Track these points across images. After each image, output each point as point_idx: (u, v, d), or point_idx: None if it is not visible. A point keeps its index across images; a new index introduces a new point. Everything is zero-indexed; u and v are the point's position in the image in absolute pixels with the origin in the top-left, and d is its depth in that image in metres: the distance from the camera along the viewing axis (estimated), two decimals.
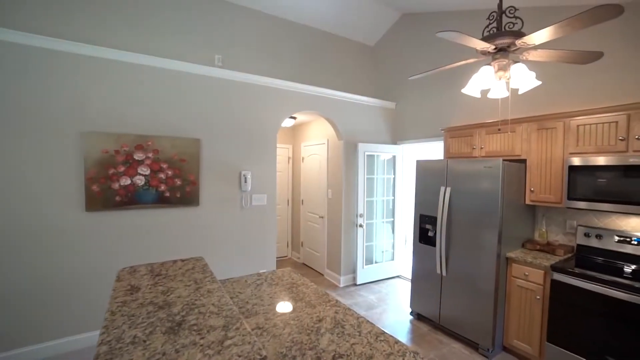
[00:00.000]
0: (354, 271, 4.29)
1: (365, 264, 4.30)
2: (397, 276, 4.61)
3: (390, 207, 4.59)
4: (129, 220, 2.78)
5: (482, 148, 3.19)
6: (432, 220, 3.11)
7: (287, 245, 5.67)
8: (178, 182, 2.95)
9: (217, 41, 3.51)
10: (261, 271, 2.05)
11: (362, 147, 4.18)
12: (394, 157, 4.56)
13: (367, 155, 4.27)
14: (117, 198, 2.67)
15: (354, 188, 4.23)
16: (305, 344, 1.17)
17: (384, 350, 1.12)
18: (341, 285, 4.23)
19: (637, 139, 2.21)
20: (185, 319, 1.02)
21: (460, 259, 2.89)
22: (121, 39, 2.94)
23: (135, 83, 2.80)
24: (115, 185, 2.66)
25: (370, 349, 1.13)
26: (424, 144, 4.27)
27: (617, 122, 2.31)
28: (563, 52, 1.84)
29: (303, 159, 5.25)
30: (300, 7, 3.90)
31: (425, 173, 3.21)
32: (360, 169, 4.17)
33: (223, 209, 3.26)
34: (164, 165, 2.88)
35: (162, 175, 2.87)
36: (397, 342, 1.17)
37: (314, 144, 4.90)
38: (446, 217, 2.96)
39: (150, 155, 2.81)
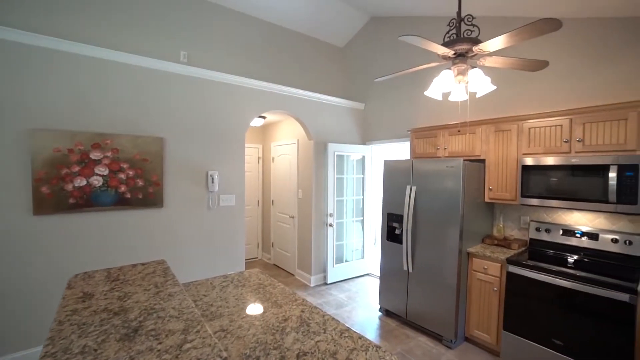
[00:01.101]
0: (325, 270, 4.32)
1: (336, 263, 4.35)
2: (367, 274, 4.71)
3: (360, 206, 4.68)
4: (85, 223, 2.61)
5: (445, 148, 3.34)
6: (399, 218, 3.21)
7: (258, 247, 5.60)
8: (140, 182, 2.82)
9: (182, 37, 3.39)
10: (228, 273, 2.01)
11: (331, 147, 4.22)
12: (363, 157, 4.66)
13: (337, 155, 4.32)
14: (71, 200, 2.50)
15: (324, 188, 4.26)
16: (270, 344, 1.16)
17: (348, 346, 1.14)
18: (312, 285, 4.24)
19: (578, 141, 2.42)
20: (143, 324, 0.98)
21: (425, 255, 3.00)
22: (79, 30, 2.75)
23: (93, 78, 2.64)
24: (69, 187, 2.49)
25: (335, 346, 1.15)
26: (392, 144, 4.39)
27: (561, 125, 2.51)
28: (514, 60, 1.97)
29: (273, 159, 5.21)
30: (271, 6, 3.87)
31: (392, 173, 3.30)
32: (330, 168, 4.21)
33: (189, 210, 3.16)
34: (125, 165, 2.74)
35: (122, 176, 2.72)
36: (360, 337, 1.20)
37: (284, 143, 4.88)
38: (412, 215, 3.07)
39: (109, 154, 2.66)
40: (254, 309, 1.48)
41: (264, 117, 4.53)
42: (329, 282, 4.29)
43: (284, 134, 4.94)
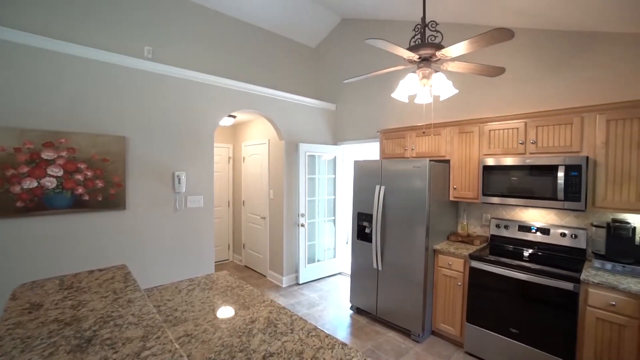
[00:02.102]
0: (297, 271, 4.31)
1: (308, 263, 4.36)
2: (339, 273, 4.76)
3: (332, 206, 4.72)
4: (36, 228, 2.42)
5: (413, 149, 3.45)
6: (369, 217, 3.28)
7: (228, 248, 5.48)
8: (100, 184, 2.66)
9: (147, 32, 3.25)
10: (195, 276, 1.95)
11: (303, 147, 4.23)
12: (335, 157, 4.70)
13: (309, 155, 4.33)
14: (19, 204, 2.31)
15: (295, 188, 4.25)
16: (236, 347, 1.15)
17: (314, 345, 1.15)
18: (284, 286, 4.22)
19: (532, 143, 2.60)
20: (98, 333, 0.93)
21: (394, 253, 3.09)
22: (31, 21, 2.55)
23: (47, 73, 2.45)
24: (16, 189, 2.29)
25: (301, 345, 1.15)
26: (362, 144, 4.47)
27: (517, 128, 2.68)
28: (475, 65, 2.08)
29: (244, 159, 5.12)
30: (242, 3, 3.80)
31: (362, 173, 3.36)
32: (301, 169, 4.21)
33: (154, 212, 3.03)
34: (82, 166, 2.57)
35: (79, 177, 2.55)
36: (327, 336, 1.21)
37: (255, 143, 4.81)
38: (381, 214, 3.15)
39: (63, 154, 2.48)
40: (221, 312, 1.45)
41: (234, 117, 4.45)
42: (301, 282, 4.28)
43: (255, 133, 4.88)
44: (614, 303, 1.97)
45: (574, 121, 2.39)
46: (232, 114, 4.12)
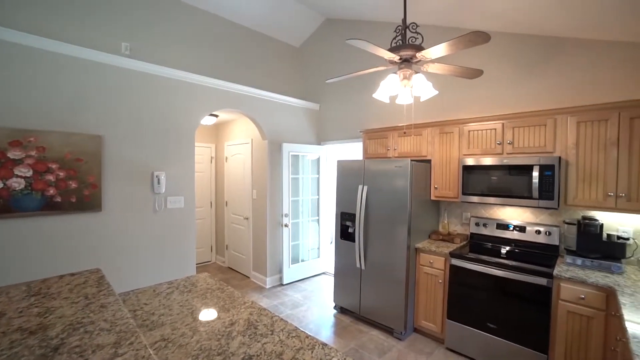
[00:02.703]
0: (281, 271, 4.29)
1: (292, 263, 4.34)
2: (323, 273, 4.76)
3: (316, 206, 4.71)
4: (3, 232, 2.29)
5: (395, 149, 3.50)
6: (352, 217, 3.29)
7: (211, 250, 5.38)
8: (73, 184, 2.55)
9: (124, 28, 3.14)
10: (175, 279, 1.90)
11: (286, 147, 4.20)
12: (319, 157, 4.70)
13: (292, 155, 4.31)
14: None
15: (279, 188, 4.23)
16: (214, 350, 1.12)
17: (295, 346, 1.14)
18: (268, 287, 4.18)
19: (509, 143, 2.68)
20: (66, 341, 0.89)
21: (376, 252, 3.11)
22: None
23: (14, 67, 2.33)
24: None
25: (281, 346, 1.14)
26: (346, 144, 4.49)
27: (495, 129, 2.76)
28: (454, 67, 2.13)
29: (227, 158, 5.04)
30: (224, 1, 3.73)
31: (345, 172, 3.38)
32: (284, 169, 4.19)
33: (132, 213, 2.93)
34: (54, 166, 2.46)
35: (50, 177, 2.44)
36: (307, 336, 1.21)
37: (237, 143, 4.75)
38: (364, 213, 3.17)
39: (33, 153, 2.37)
40: (200, 315, 1.42)
41: (216, 116, 4.37)
42: (285, 282, 4.26)
43: (237, 133, 4.81)
44: (583, 296, 2.06)
45: (548, 123, 2.48)
46: (214, 113, 4.06)
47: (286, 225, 4.23)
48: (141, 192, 2.99)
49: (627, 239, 2.32)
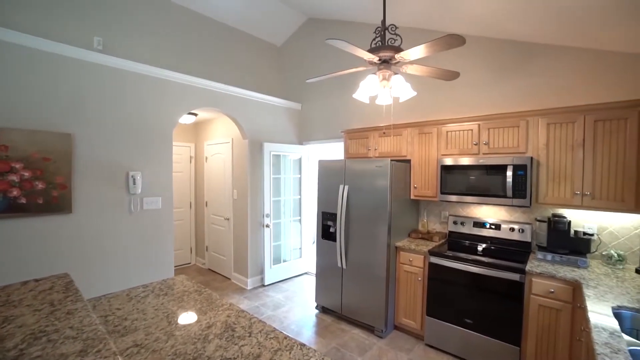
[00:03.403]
0: (262, 272, 4.24)
1: (273, 264, 4.30)
2: (305, 273, 4.75)
3: (298, 206, 4.70)
4: None
5: (376, 149, 3.53)
6: (333, 217, 3.30)
7: (191, 251, 5.26)
8: (40, 185, 2.42)
9: (96, 21, 3.02)
10: (151, 282, 1.84)
11: (267, 146, 4.16)
12: (300, 157, 4.68)
13: (273, 155, 4.28)
14: None
15: (260, 188, 4.18)
16: (190, 354, 1.09)
17: (272, 347, 1.13)
18: (249, 288, 4.13)
19: (485, 144, 2.76)
20: (25, 352, 0.84)
21: (357, 251, 3.14)
22: None
23: None
24: None
25: (259, 348, 1.13)
26: (328, 144, 4.50)
27: (472, 129, 2.84)
28: (431, 69, 2.17)
29: (206, 158, 4.94)
30: None
31: (327, 172, 3.38)
32: (266, 168, 4.14)
33: (105, 215, 2.82)
34: (18, 165, 2.32)
35: (14, 178, 2.30)
36: (286, 337, 1.20)
37: (217, 142, 4.66)
38: (345, 213, 3.18)
39: None
40: (176, 318, 1.38)
41: (195, 115, 4.27)
42: (266, 283, 4.22)
43: (217, 132, 4.72)
44: (552, 290, 2.15)
45: (520, 124, 2.58)
46: (192, 111, 3.96)
47: (268, 226, 4.19)
48: (115, 193, 2.88)
49: (592, 235, 2.45)
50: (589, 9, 2.07)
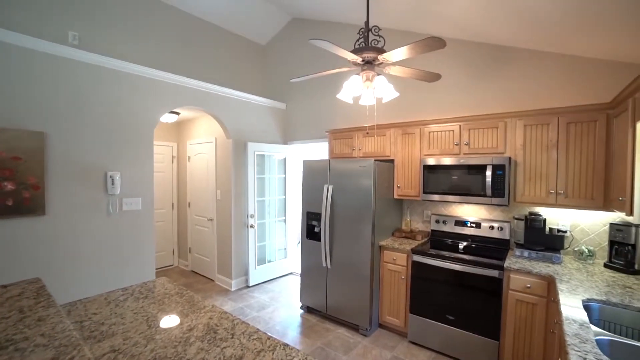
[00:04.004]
0: (247, 273, 4.20)
1: (258, 265, 4.27)
2: (291, 273, 4.74)
3: (282, 206, 4.68)
4: None
5: (360, 149, 3.56)
6: (318, 216, 3.31)
7: (173, 253, 5.14)
8: (10, 186, 2.31)
9: (73, 15, 2.91)
10: (131, 285, 1.79)
11: (251, 146, 4.12)
12: (285, 157, 4.66)
13: (258, 154, 4.24)
14: None
15: (244, 188, 4.13)
16: (170, 358, 1.07)
17: (255, 348, 1.12)
18: (233, 289, 4.08)
19: (465, 144, 2.83)
20: None
21: (342, 251, 3.15)
22: None
23: None
24: None
25: (242, 350, 1.12)
26: (313, 144, 4.50)
27: (453, 130, 2.91)
28: (414, 70, 2.21)
29: (189, 158, 4.84)
30: None
31: (311, 172, 3.38)
32: (250, 168, 4.10)
33: (82, 216, 2.72)
34: None
35: None
36: (269, 338, 1.19)
37: (200, 142, 4.58)
38: (329, 213, 3.19)
39: None
40: (156, 322, 1.34)
41: (177, 113, 4.18)
42: (251, 284, 4.18)
43: (200, 131, 4.64)
44: (529, 285, 2.23)
45: (499, 125, 2.66)
46: (174, 110, 3.88)
47: (252, 226, 4.15)
48: (92, 194, 2.78)
49: (565, 232, 2.56)
50: (563, 17, 2.16)
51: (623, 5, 1.81)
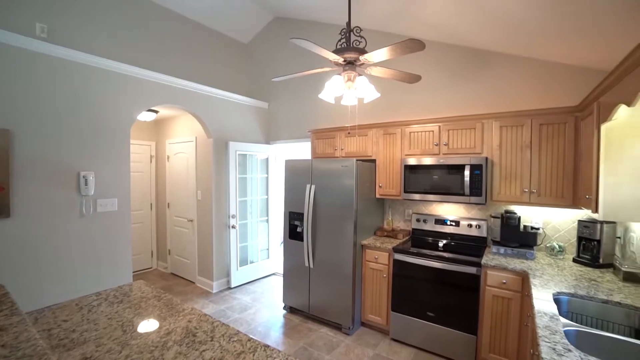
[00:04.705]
0: (228, 274, 4.13)
1: (240, 266, 4.21)
2: (273, 274, 4.70)
3: (265, 206, 4.63)
4: None
5: (342, 149, 3.58)
6: (300, 216, 3.30)
7: (152, 255, 4.99)
8: None
9: (41, 6, 2.76)
10: (106, 289, 1.72)
11: (233, 145, 4.06)
12: (268, 156, 4.62)
13: (240, 154, 4.18)
14: None
15: (225, 188, 4.07)
16: None
17: (235, 350, 1.11)
18: (214, 291, 4.00)
19: (445, 144, 2.90)
20: None
21: (324, 250, 3.16)
22: None
23: None
24: None
25: (221, 352, 1.10)
26: (295, 144, 4.48)
27: (433, 131, 2.97)
28: (395, 71, 2.24)
29: (168, 157, 4.72)
30: None
31: (293, 172, 3.37)
32: (231, 168, 4.04)
33: (53, 219, 2.59)
34: None
35: None
36: (250, 339, 1.17)
37: (180, 141, 4.47)
38: (312, 212, 3.19)
39: None
40: (131, 327, 1.30)
41: (155, 112, 4.06)
42: (233, 286, 4.12)
43: (180, 130, 4.52)
44: (505, 281, 2.31)
45: (477, 126, 2.74)
46: (153, 108, 3.77)
47: (234, 227, 4.09)
48: (64, 195, 2.66)
49: (538, 229, 2.67)
50: (535, 23, 2.25)
51: (590, 16, 1.90)
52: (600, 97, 1.87)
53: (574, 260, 2.42)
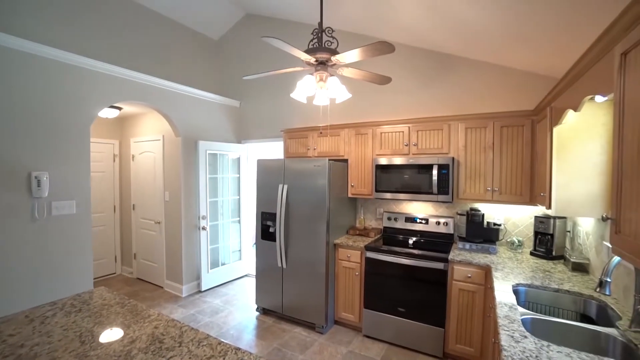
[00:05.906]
0: (199, 277, 4.01)
1: (211, 268, 4.09)
2: (246, 275, 4.62)
3: (236, 206, 4.54)
4: None
5: (315, 149, 3.59)
6: (273, 216, 3.27)
7: (116, 260, 4.72)
8: None
9: None
10: (59, 298, 1.60)
11: (203, 145, 3.94)
12: (239, 156, 4.54)
13: (210, 153, 4.07)
14: None
15: (195, 189, 3.94)
16: None
17: (205, 355, 1.07)
18: (184, 295, 3.86)
19: (414, 145, 3.00)
20: None
21: (297, 250, 3.15)
22: None
23: None
24: None
25: (190, 357, 1.06)
26: (268, 143, 4.44)
27: (403, 131, 3.06)
28: (365, 73, 2.28)
29: (133, 157, 4.49)
30: None
31: (265, 172, 3.33)
32: (201, 168, 3.92)
33: None
34: None
35: None
36: (220, 343, 1.15)
37: (146, 140, 4.27)
38: (284, 212, 3.17)
39: None
40: (91, 337, 1.22)
41: (119, 108, 3.85)
42: (203, 289, 4.00)
43: (146, 128, 4.32)
44: (470, 275, 2.43)
45: (444, 127, 2.86)
46: (115, 105, 3.58)
47: (204, 228, 3.97)
48: (12, 197, 2.44)
49: (500, 225, 2.83)
50: (496, 31, 2.38)
51: (543, 27, 2.05)
52: (553, 103, 2.02)
53: (531, 254, 2.60)
